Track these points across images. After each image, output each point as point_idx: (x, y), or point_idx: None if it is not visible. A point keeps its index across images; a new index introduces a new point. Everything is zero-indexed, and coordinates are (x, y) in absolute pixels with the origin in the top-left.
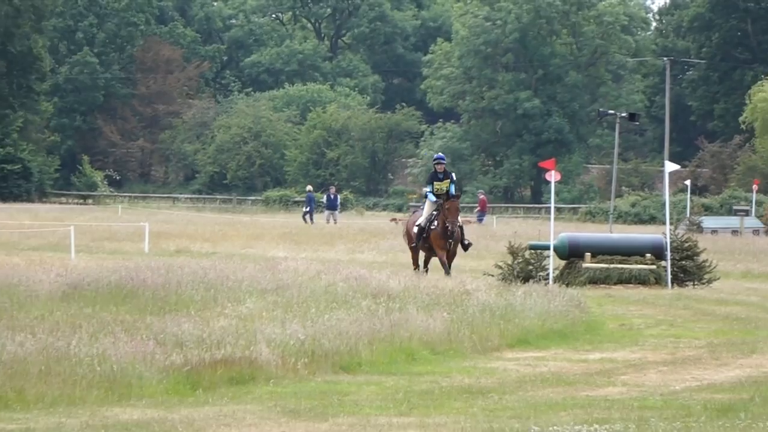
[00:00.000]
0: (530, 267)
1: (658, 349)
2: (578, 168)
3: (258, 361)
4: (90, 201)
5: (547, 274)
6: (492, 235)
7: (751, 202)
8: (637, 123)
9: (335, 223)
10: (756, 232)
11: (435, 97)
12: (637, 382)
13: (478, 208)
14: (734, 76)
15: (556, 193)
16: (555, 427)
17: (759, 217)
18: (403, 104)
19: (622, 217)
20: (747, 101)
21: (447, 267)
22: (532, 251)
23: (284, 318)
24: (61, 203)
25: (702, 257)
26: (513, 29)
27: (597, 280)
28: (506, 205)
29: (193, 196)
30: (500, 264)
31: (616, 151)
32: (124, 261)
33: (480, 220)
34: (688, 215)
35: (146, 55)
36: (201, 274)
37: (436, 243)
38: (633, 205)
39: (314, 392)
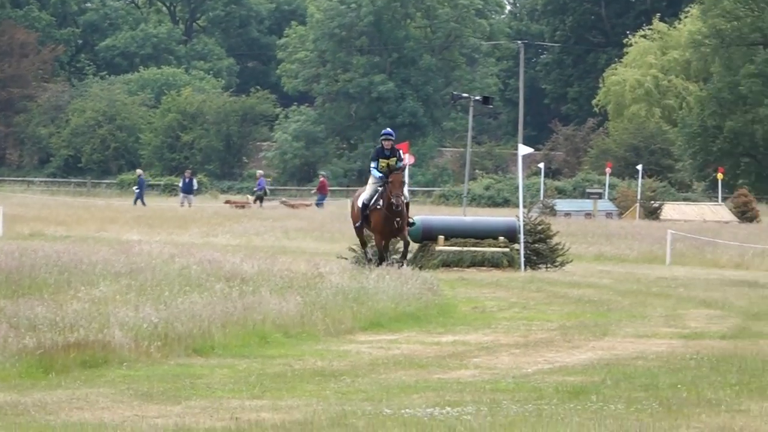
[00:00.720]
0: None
1: (510, 331)
2: (432, 151)
3: (111, 345)
4: None
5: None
6: (346, 218)
7: (605, 185)
8: (491, 106)
9: (189, 206)
10: (609, 215)
11: (290, 80)
12: (489, 364)
13: (318, 191)
14: (588, 59)
15: (411, 176)
16: (407, 410)
17: (612, 200)
18: (258, 88)
19: (476, 200)
20: (600, 84)
21: (404, 252)
22: None
23: (138, 301)
24: None
25: (555, 240)
26: (367, 12)
27: (450, 263)
28: (361, 187)
29: (48, 179)
30: (354, 247)
31: (470, 134)
32: None
33: (319, 204)
34: (541, 198)
35: (1, 39)
36: (55, 258)
37: (376, 223)
38: (487, 188)
39: (167, 375)
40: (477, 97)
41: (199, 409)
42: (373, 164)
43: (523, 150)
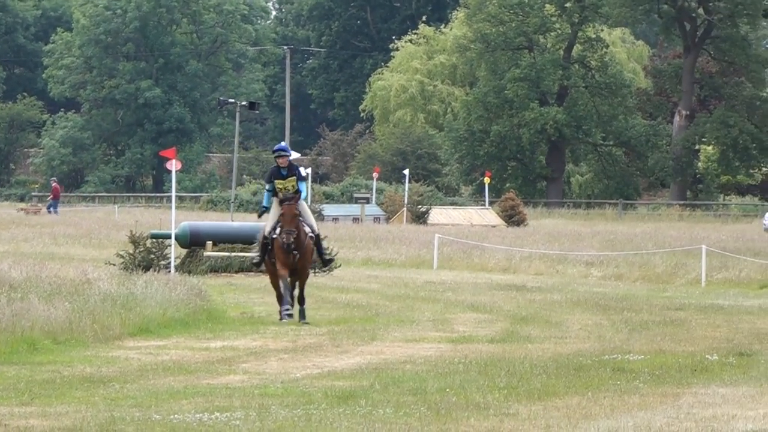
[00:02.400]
0: (152, 256)
1: (279, 336)
2: (200, 157)
3: None
4: None
5: (169, 263)
6: (114, 224)
7: (372, 189)
8: (258, 111)
9: None
10: (377, 219)
11: (56, 86)
12: (258, 369)
13: (51, 197)
14: (354, 64)
15: (178, 182)
16: (176, 416)
17: (380, 204)
18: (25, 94)
19: (243, 206)
20: (367, 89)
21: (293, 293)
22: (154, 240)
23: None
24: None
25: (323, 245)
26: (133, 18)
27: (219, 268)
28: (128, 194)
29: None
30: (122, 253)
31: (236, 139)
32: None
33: (51, 210)
34: (309, 203)
35: None
36: None
37: (278, 257)
38: (254, 194)
39: None
40: (243, 103)
41: None
42: (267, 188)
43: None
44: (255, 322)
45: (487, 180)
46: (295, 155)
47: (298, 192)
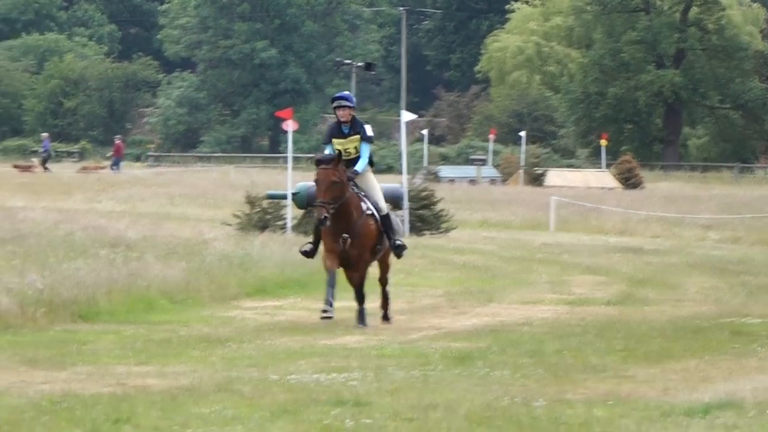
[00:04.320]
0: (268, 216)
1: (396, 298)
2: (315, 118)
3: None
4: None
5: (285, 224)
6: (230, 184)
7: (488, 151)
8: (374, 72)
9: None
10: (493, 181)
11: (172, 46)
12: (375, 330)
13: (113, 154)
14: (470, 26)
15: (294, 143)
16: (293, 376)
17: (496, 166)
18: (140, 54)
19: None
20: (482, 51)
21: (335, 291)
22: (270, 201)
23: (23, 267)
24: None
25: (439, 206)
26: None
27: None
28: (244, 155)
29: None
30: (238, 213)
31: None
32: None
33: (114, 168)
34: (425, 165)
35: None
36: None
37: (324, 241)
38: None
39: (53, 341)
40: (359, 64)
41: (85, 375)
42: (325, 150)
43: (407, 116)
44: (371, 283)
45: (603, 142)
46: (410, 116)
47: (340, 155)
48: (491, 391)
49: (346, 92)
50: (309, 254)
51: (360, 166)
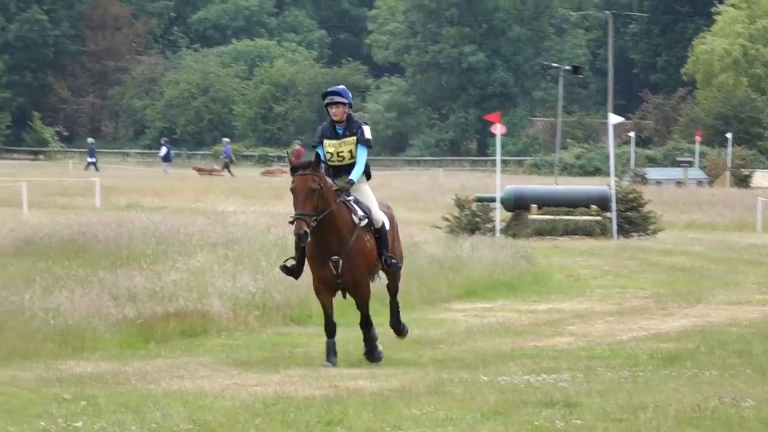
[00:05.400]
0: (477, 219)
1: (604, 299)
2: (523, 121)
3: (210, 314)
4: (41, 157)
5: (494, 226)
6: (439, 187)
7: (694, 153)
8: (581, 76)
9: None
10: (700, 182)
11: (380, 51)
12: (584, 332)
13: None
14: (676, 29)
15: (502, 146)
16: (504, 377)
17: (702, 168)
18: (349, 59)
19: (567, 169)
20: (689, 54)
21: (362, 319)
22: (479, 203)
23: (235, 271)
24: (12, 159)
25: (647, 208)
26: None
27: (543, 231)
28: (452, 158)
29: (143, 151)
30: (447, 216)
31: (560, 104)
32: (76, 216)
33: None
34: (632, 167)
35: (95, 12)
36: (152, 228)
37: (309, 264)
38: (578, 157)
39: (265, 344)
40: (567, 67)
41: (297, 378)
42: (317, 152)
43: (614, 119)
44: (580, 284)
45: None
46: (617, 119)
47: (318, 158)
48: (700, 392)
49: (340, 86)
50: (292, 272)
51: (356, 173)
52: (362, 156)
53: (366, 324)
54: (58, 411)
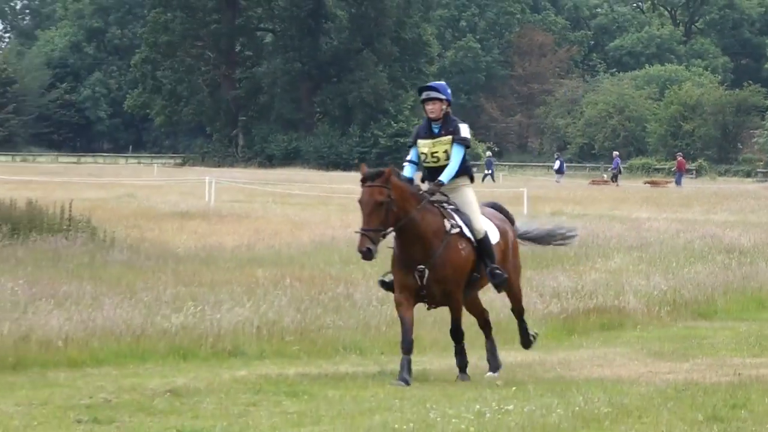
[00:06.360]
0: None
1: None
2: None
3: (626, 310)
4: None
5: None
6: None
7: None
8: None
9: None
10: None
11: None
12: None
13: (676, 169)
14: None
15: None
16: None
17: None
18: (750, 82)
19: None
20: None
21: (454, 330)
22: None
23: (648, 271)
24: None
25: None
26: None
27: None
28: None
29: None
30: None
31: None
32: None
33: (677, 182)
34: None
35: (522, 40)
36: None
37: (395, 277)
38: None
39: (676, 337)
40: None
41: (705, 366)
42: (411, 154)
43: None
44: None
45: None
46: None
47: (389, 170)
48: None
49: (440, 82)
50: (390, 287)
51: (446, 174)
52: (457, 156)
53: (456, 335)
54: (492, 396)
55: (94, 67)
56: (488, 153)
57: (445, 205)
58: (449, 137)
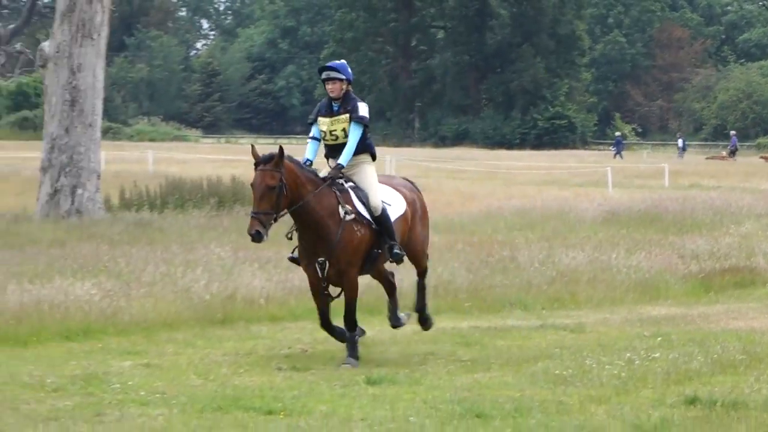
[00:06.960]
0: None
1: None
2: None
3: (756, 270)
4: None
5: None
6: None
7: None
8: None
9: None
10: None
11: None
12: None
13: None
14: None
15: None
16: None
17: None
18: None
19: None
20: None
21: (346, 313)
22: None
23: None
24: (599, 150)
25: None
26: None
27: None
28: None
29: (700, 143)
30: None
31: None
32: (650, 193)
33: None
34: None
35: (662, 35)
36: (710, 203)
37: (300, 260)
38: None
39: None
40: None
41: None
42: (311, 131)
43: None
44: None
45: None
46: None
47: (282, 152)
48: None
49: (339, 61)
50: (297, 262)
51: (345, 156)
52: (355, 135)
53: (349, 325)
54: (640, 345)
55: (288, 61)
56: (617, 133)
57: (342, 182)
58: (347, 115)
